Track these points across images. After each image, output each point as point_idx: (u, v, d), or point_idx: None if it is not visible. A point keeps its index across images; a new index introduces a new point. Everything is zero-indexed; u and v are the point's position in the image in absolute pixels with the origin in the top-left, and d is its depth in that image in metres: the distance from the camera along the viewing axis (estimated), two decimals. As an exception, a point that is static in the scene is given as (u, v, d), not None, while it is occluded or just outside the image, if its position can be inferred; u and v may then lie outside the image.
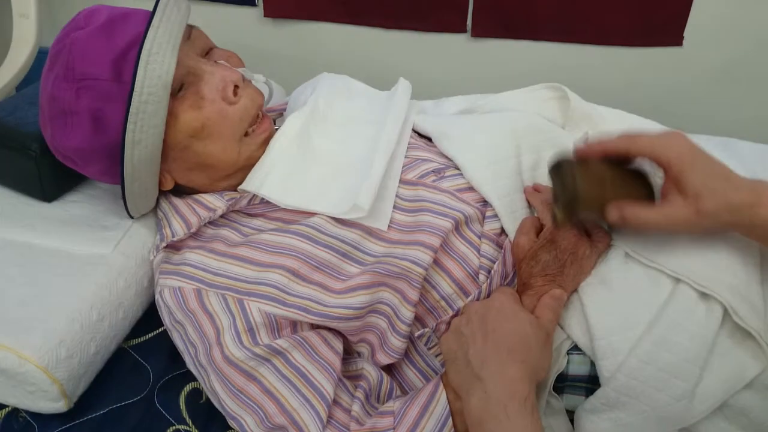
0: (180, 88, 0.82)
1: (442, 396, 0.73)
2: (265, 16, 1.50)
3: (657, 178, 0.75)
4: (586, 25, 1.39)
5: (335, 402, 0.75)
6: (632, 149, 0.72)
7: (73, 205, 0.97)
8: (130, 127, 0.77)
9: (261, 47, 1.55)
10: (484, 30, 1.44)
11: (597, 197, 0.73)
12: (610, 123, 0.95)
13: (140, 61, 0.76)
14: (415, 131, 0.97)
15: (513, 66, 1.48)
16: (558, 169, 0.75)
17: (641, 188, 0.75)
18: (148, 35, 0.77)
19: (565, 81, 1.08)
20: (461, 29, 1.45)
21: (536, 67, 1.47)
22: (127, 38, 0.80)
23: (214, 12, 1.52)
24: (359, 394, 0.77)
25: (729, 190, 0.68)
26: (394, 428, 0.72)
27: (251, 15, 1.52)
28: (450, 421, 0.72)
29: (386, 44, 1.50)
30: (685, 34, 1.38)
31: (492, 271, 0.81)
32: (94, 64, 0.79)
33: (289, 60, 1.55)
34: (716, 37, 1.37)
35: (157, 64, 0.77)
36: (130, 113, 0.77)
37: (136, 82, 0.76)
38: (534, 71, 1.47)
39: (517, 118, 0.93)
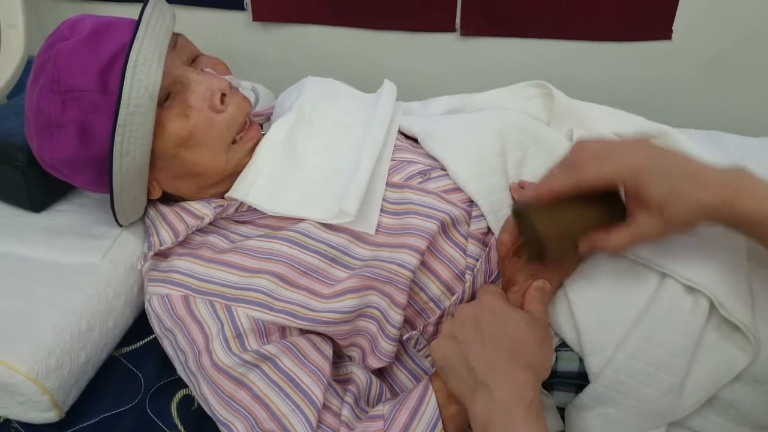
0: (167, 98, 0.82)
1: (431, 399, 0.73)
2: (254, 20, 1.50)
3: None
4: (575, 20, 1.40)
5: (325, 406, 0.75)
6: (583, 186, 0.68)
7: (62, 215, 0.97)
8: (117, 139, 0.77)
9: (251, 51, 1.55)
10: (472, 28, 1.44)
11: (564, 239, 0.71)
12: (596, 119, 0.95)
13: (126, 73, 0.76)
14: (401, 133, 0.97)
15: (503, 63, 1.48)
16: (519, 218, 0.74)
17: (610, 207, 0.70)
18: (133, 46, 0.77)
19: (555, 77, 1.08)
20: (450, 28, 1.45)
21: (526, 64, 1.47)
22: (112, 49, 0.80)
23: (204, 17, 1.53)
24: (349, 398, 0.77)
25: (699, 190, 0.64)
26: (384, 432, 0.72)
27: (240, 19, 1.52)
28: (440, 423, 0.72)
29: (376, 45, 1.51)
30: (674, 27, 1.38)
31: (475, 270, 0.81)
32: (79, 75, 0.79)
33: (279, 63, 1.56)
34: (705, 30, 1.37)
35: (143, 75, 0.77)
36: (117, 125, 0.77)
37: (123, 94, 0.76)
38: (524, 68, 1.47)
39: (502, 116, 0.93)
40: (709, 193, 0.64)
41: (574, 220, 0.70)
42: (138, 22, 0.79)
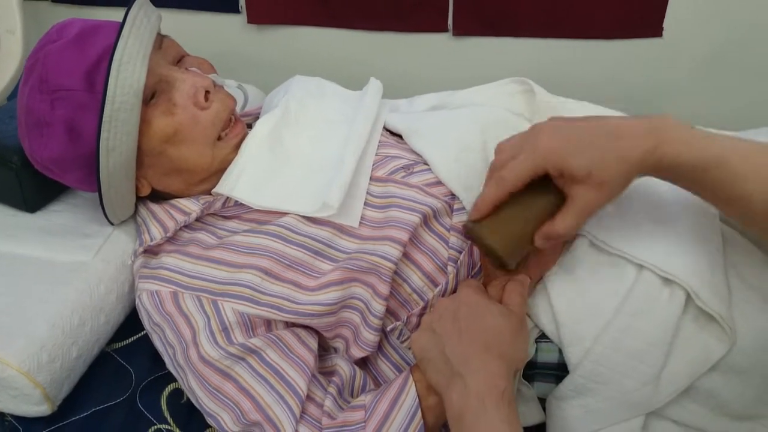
0: (152, 96, 0.84)
1: (411, 389, 0.74)
2: (249, 22, 1.51)
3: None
4: (566, 19, 1.40)
5: (308, 398, 0.77)
6: (510, 189, 0.69)
7: (56, 215, 0.99)
8: (103, 135, 0.79)
9: (246, 54, 1.56)
10: (465, 28, 1.45)
11: (516, 242, 0.71)
12: (578, 115, 0.95)
13: (111, 71, 0.78)
14: (386, 129, 0.99)
15: (495, 63, 1.49)
16: (471, 238, 0.75)
17: (550, 192, 0.70)
18: (118, 45, 0.79)
19: (548, 76, 1.09)
20: (443, 28, 1.46)
21: (518, 64, 1.48)
22: (98, 49, 0.83)
23: (199, 20, 1.54)
24: (332, 389, 0.78)
25: (620, 146, 0.64)
26: (365, 422, 0.73)
27: (235, 22, 1.53)
28: (419, 412, 0.73)
29: (370, 46, 1.52)
30: (665, 24, 1.38)
31: (458, 262, 0.82)
32: (67, 75, 0.82)
33: (274, 65, 1.57)
34: (697, 26, 1.37)
35: (128, 73, 0.79)
36: (103, 121, 0.79)
37: (108, 91, 0.78)
38: (516, 68, 1.47)
39: (485, 112, 0.94)
40: (632, 145, 0.64)
41: (519, 220, 0.71)
42: (122, 24, 0.81)
